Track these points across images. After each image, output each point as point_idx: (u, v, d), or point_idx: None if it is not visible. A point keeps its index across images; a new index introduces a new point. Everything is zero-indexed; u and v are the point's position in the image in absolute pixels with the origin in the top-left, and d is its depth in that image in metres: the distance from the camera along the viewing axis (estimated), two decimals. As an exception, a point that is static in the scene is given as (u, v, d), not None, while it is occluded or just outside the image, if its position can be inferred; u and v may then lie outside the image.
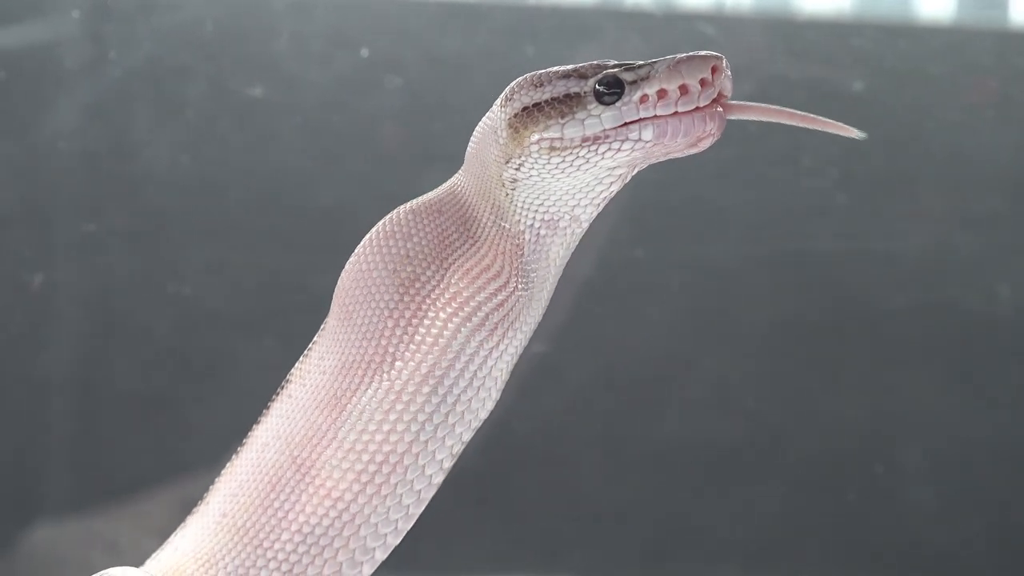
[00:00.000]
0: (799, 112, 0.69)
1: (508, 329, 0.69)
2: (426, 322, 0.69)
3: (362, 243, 0.71)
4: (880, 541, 1.48)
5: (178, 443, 1.42)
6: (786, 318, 1.48)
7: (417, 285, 0.70)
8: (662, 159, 0.69)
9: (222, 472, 0.72)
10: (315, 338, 0.72)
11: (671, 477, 1.48)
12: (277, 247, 1.43)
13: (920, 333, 1.50)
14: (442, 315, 0.69)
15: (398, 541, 0.69)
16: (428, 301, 0.69)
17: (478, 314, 0.69)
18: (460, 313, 0.69)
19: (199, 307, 1.42)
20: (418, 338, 0.69)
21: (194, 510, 0.73)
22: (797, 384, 1.49)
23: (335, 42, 1.42)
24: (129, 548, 1.34)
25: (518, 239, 0.70)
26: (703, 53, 0.67)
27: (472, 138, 0.72)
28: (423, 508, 0.69)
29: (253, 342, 1.42)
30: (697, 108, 0.67)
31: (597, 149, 0.68)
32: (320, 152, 1.43)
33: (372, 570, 0.69)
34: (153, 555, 0.74)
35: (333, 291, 0.72)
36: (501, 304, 0.69)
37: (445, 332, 0.68)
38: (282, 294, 1.42)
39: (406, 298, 0.69)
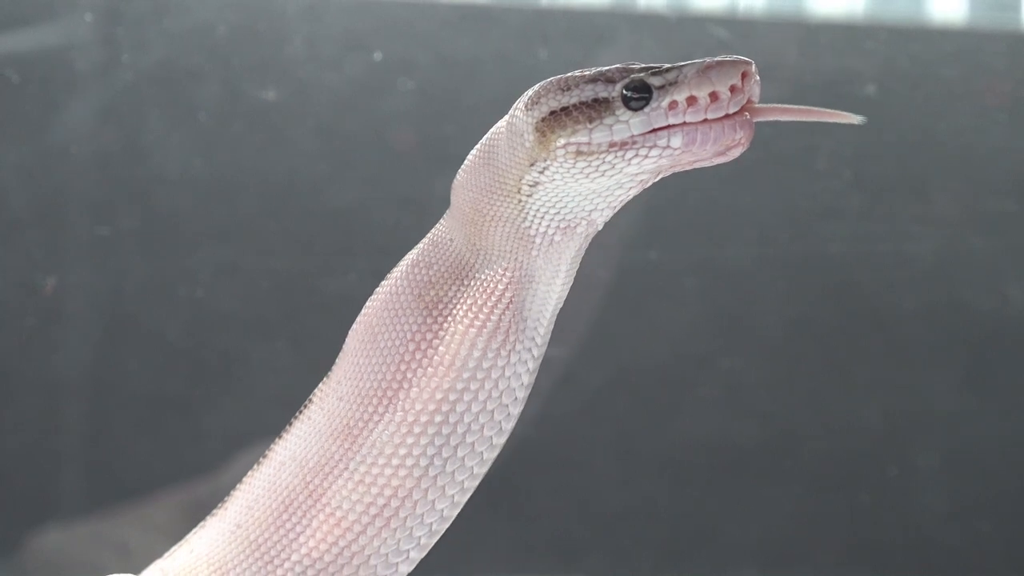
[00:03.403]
0: (815, 108, 0.69)
1: (520, 333, 0.69)
2: (445, 340, 0.69)
3: (388, 276, 0.73)
4: (894, 542, 1.48)
5: (190, 445, 1.42)
6: (799, 320, 1.48)
7: (440, 306, 0.70)
8: (688, 168, 0.69)
9: (243, 479, 0.73)
10: (337, 360, 0.73)
11: (685, 479, 1.48)
12: (290, 249, 1.43)
13: (932, 334, 1.50)
14: (459, 328, 0.69)
15: (410, 570, 0.70)
16: (449, 319, 0.70)
17: (491, 320, 0.69)
18: (475, 323, 0.69)
19: (211, 309, 1.42)
20: (436, 359, 0.69)
21: (214, 511, 0.74)
22: (811, 386, 1.49)
23: (347, 45, 1.42)
24: (139, 551, 1.34)
25: (529, 244, 0.70)
26: (732, 58, 0.67)
27: (479, 150, 0.72)
28: (435, 540, 0.70)
29: (266, 344, 1.42)
30: (727, 115, 0.66)
31: (624, 155, 0.67)
32: (333, 155, 1.43)
33: None
34: (169, 551, 0.74)
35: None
36: (510, 303, 0.69)
37: (462, 349, 0.69)
38: (295, 296, 1.42)
39: (428, 320, 0.70)
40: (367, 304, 0.72)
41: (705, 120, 0.66)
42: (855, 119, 0.69)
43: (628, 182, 0.69)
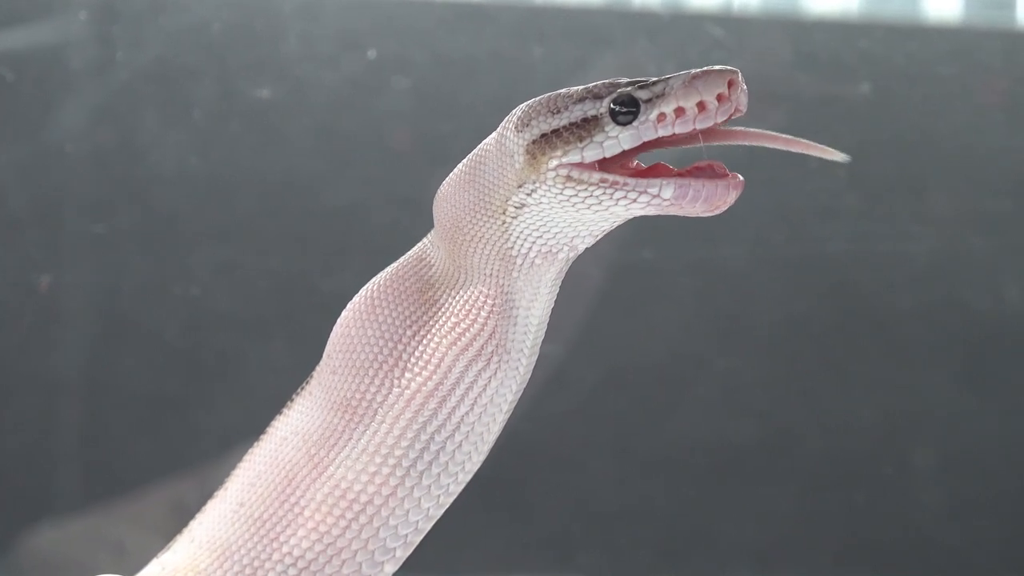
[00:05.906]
0: (803, 140, 0.69)
1: (502, 359, 0.70)
2: (434, 343, 0.70)
3: (399, 261, 0.74)
4: (892, 542, 1.48)
5: (186, 445, 1.42)
6: (796, 319, 1.48)
7: (433, 310, 0.71)
8: (671, 214, 0.69)
9: (242, 459, 0.73)
10: (329, 339, 0.72)
11: (681, 478, 1.48)
12: (286, 248, 1.43)
13: (929, 334, 1.50)
14: (445, 342, 0.70)
15: (419, 539, 0.70)
16: (438, 327, 0.70)
17: (474, 345, 0.70)
18: (459, 343, 0.70)
19: (208, 308, 1.42)
20: (427, 354, 0.70)
21: (214, 494, 0.73)
22: (807, 385, 1.49)
23: (343, 43, 1.42)
24: (135, 550, 1.34)
25: (510, 265, 0.70)
26: (718, 68, 0.67)
27: (465, 166, 0.72)
28: (442, 511, 0.70)
29: (262, 343, 1.42)
30: (722, 175, 0.67)
31: (613, 195, 0.67)
32: (329, 153, 1.43)
33: (394, 569, 0.70)
34: (168, 545, 0.74)
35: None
36: (492, 333, 0.70)
37: (447, 357, 0.69)
38: (291, 295, 1.42)
39: (424, 317, 0.71)
40: (366, 285, 0.73)
41: (698, 174, 0.67)
42: (840, 156, 0.69)
43: (613, 218, 0.69)
